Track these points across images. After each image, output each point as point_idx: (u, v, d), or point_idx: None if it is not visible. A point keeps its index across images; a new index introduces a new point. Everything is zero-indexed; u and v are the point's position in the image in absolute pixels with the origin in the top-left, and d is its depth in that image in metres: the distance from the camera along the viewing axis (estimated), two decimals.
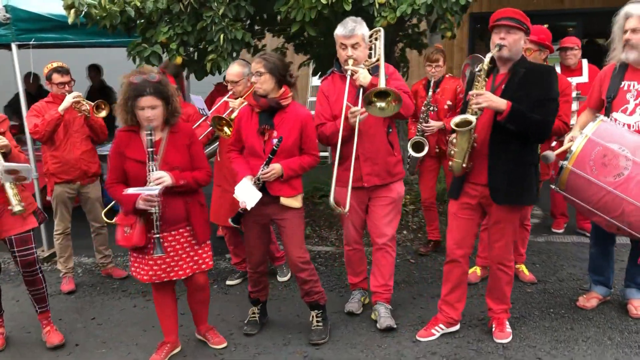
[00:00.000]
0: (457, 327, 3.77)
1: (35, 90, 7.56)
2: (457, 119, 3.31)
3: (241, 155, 3.67)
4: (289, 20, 4.99)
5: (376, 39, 3.91)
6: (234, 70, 4.37)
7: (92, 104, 4.70)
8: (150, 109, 3.17)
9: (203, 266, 3.50)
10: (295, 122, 3.55)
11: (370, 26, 4.98)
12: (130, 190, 3.17)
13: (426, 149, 4.91)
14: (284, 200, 3.56)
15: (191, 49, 5.26)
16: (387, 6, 4.76)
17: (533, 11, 8.83)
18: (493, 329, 3.66)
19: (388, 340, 3.70)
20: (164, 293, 3.55)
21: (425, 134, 4.93)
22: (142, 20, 5.05)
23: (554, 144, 4.57)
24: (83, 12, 4.91)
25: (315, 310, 3.84)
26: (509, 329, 3.64)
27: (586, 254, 4.96)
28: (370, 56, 3.80)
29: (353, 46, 3.59)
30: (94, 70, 8.29)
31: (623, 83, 3.59)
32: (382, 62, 3.66)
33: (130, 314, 4.37)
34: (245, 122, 3.60)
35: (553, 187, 3.58)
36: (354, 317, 4.06)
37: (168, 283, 3.50)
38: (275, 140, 3.50)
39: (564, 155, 3.52)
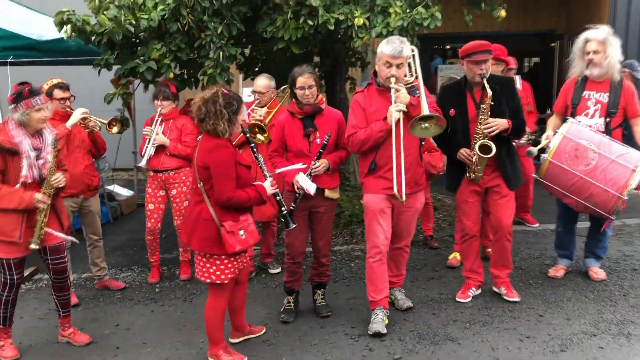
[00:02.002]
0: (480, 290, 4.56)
1: None
2: (479, 144, 4.06)
3: (282, 159, 4.10)
4: (274, 39, 5.44)
5: (413, 57, 4.11)
6: (262, 82, 4.97)
7: (104, 121, 4.86)
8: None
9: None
10: (332, 122, 4.11)
11: (348, 46, 5.60)
12: (290, 167, 3.73)
13: None
14: (328, 193, 4.07)
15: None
16: (364, 28, 5.35)
17: (444, 34, 9.97)
18: (504, 292, 4.41)
19: (410, 315, 4.26)
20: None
21: None
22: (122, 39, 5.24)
23: None
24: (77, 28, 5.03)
25: (321, 289, 4.43)
26: (514, 291, 4.41)
27: (532, 238, 5.93)
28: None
29: (398, 65, 3.83)
30: None
31: (584, 93, 4.49)
32: (421, 85, 3.93)
33: (152, 318, 4.55)
34: (289, 128, 4.03)
35: (534, 175, 4.38)
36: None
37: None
38: (326, 137, 4.03)
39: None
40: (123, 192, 8.24)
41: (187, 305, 4.77)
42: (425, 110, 3.72)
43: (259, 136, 4.85)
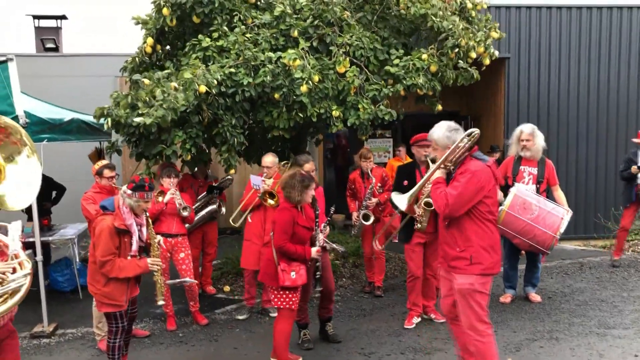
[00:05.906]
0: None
1: None
2: (424, 201, 5.56)
3: None
4: (271, 127, 6.83)
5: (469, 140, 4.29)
6: (270, 159, 6.34)
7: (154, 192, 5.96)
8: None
9: None
10: (320, 195, 5.59)
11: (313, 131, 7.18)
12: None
13: (372, 218, 7.00)
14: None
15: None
16: (339, 119, 6.88)
17: None
18: (433, 317, 6.00)
19: (402, 337, 5.66)
20: None
21: (368, 207, 7.04)
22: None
23: None
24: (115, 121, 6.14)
25: (330, 322, 5.72)
26: (441, 314, 5.84)
27: None
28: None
29: (434, 147, 4.45)
30: None
31: (521, 167, 6.37)
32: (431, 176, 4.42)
33: (193, 355, 5.54)
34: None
35: None
36: (357, 317, 5.87)
37: None
38: (331, 212, 5.41)
39: None
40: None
41: (216, 344, 5.80)
42: (401, 207, 4.65)
43: (270, 201, 6.13)
